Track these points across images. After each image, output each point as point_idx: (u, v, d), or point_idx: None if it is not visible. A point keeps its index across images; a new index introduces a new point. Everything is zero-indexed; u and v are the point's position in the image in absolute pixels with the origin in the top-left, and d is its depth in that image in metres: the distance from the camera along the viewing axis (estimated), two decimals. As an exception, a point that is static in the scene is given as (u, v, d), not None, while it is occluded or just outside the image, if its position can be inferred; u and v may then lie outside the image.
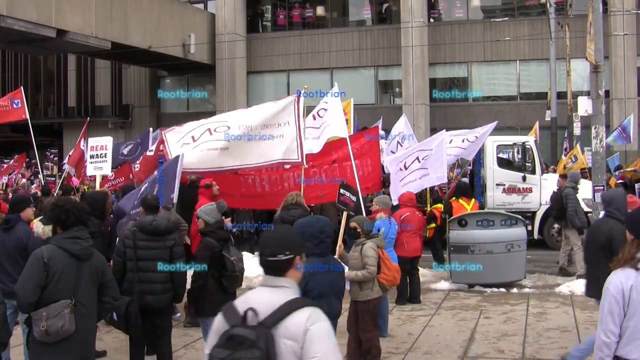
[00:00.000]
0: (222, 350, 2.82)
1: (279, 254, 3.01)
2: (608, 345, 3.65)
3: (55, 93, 32.79)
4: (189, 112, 31.53)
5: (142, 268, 6.20)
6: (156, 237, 6.23)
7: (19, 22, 20.11)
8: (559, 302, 9.94)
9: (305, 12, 30.06)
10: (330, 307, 4.53)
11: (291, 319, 2.86)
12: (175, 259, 6.19)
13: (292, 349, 2.83)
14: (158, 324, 6.38)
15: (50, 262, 4.65)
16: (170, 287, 6.24)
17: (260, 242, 3.11)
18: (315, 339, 2.85)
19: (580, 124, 21.25)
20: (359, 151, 11.20)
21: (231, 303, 3.03)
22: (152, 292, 6.18)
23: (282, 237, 3.10)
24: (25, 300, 4.63)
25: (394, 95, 29.30)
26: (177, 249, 6.26)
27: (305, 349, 2.83)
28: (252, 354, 2.76)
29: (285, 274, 3.03)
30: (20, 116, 14.75)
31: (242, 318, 2.87)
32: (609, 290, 3.68)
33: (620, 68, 24.94)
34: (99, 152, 11.54)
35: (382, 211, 8.53)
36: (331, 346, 2.91)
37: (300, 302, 2.95)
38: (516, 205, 14.61)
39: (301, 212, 7.78)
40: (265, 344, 2.79)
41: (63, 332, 4.63)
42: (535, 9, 27.68)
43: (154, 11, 26.31)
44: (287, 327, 2.84)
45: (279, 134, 9.33)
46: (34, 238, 6.52)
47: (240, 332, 2.82)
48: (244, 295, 3.08)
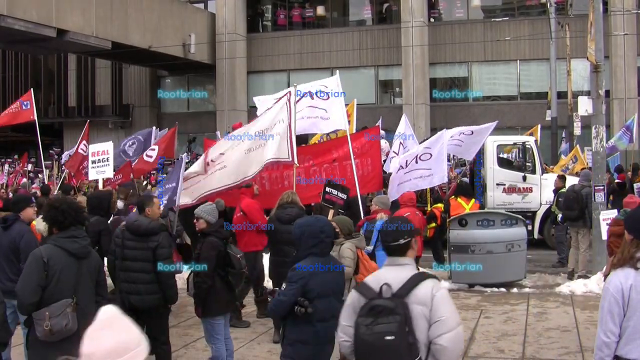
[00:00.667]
0: (365, 318, 3.47)
1: (400, 239, 3.71)
2: (608, 345, 3.65)
3: (56, 93, 32.81)
4: (189, 112, 31.59)
5: (127, 268, 6.20)
6: (140, 237, 6.19)
7: (19, 22, 20.12)
8: (559, 302, 9.94)
9: (306, 11, 30.05)
10: (330, 307, 4.52)
11: (419, 288, 3.51)
12: (158, 261, 6.11)
13: (422, 312, 3.47)
14: (150, 324, 6.37)
15: (50, 262, 4.65)
16: (157, 288, 6.16)
17: (382, 232, 3.84)
18: (440, 303, 3.50)
19: (580, 123, 21.23)
20: (359, 150, 11.20)
21: (364, 282, 3.78)
22: (136, 292, 6.16)
23: (399, 226, 3.79)
24: (27, 300, 4.63)
25: (394, 95, 29.30)
26: (160, 251, 6.13)
27: (433, 311, 3.47)
28: (393, 318, 3.41)
29: (405, 254, 3.73)
30: (28, 117, 14.82)
31: (378, 292, 3.51)
32: (609, 290, 3.68)
33: (621, 68, 24.93)
34: (100, 157, 11.65)
35: (381, 211, 8.51)
36: (453, 308, 3.57)
37: (423, 275, 3.66)
38: (516, 205, 14.60)
39: (297, 211, 7.79)
40: (402, 310, 3.44)
41: (67, 331, 4.64)
42: (535, 9, 27.67)
43: (154, 11, 26.31)
44: (417, 295, 3.49)
45: (275, 132, 9.30)
46: (27, 238, 6.45)
47: (380, 302, 3.48)
48: (373, 275, 3.87)
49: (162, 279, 6.14)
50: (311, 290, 4.44)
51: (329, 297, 4.54)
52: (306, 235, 4.53)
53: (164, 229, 6.38)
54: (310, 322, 4.46)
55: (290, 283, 4.47)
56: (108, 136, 31.86)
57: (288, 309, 4.46)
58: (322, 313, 4.48)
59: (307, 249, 4.52)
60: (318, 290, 4.46)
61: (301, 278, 4.44)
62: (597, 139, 11.78)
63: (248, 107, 29.98)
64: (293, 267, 4.54)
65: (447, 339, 3.44)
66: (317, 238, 4.51)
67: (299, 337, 4.52)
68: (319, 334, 4.51)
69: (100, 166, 11.64)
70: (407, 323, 3.43)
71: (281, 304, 4.47)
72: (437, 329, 3.46)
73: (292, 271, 4.53)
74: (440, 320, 3.46)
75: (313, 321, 4.46)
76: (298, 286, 4.43)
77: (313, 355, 4.56)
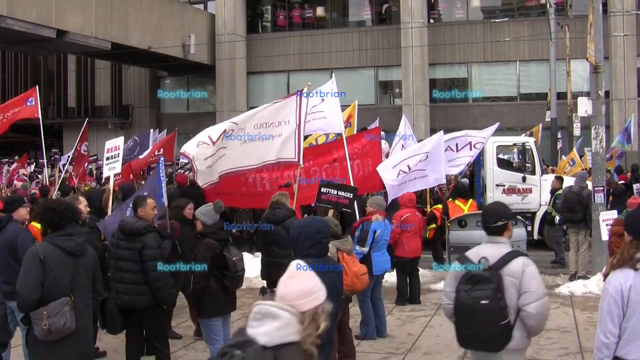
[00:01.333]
0: (465, 285, 4.25)
1: (498, 220, 4.39)
2: (607, 345, 3.64)
3: (55, 93, 32.81)
4: (188, 112, 31.59)
5: (119, 268, 6.21)
6: (128, 237, 6.20)
7: (19, 22, 20.12)
8: (559, 303, 9.94)
9: (305, 12, 30.07)
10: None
11: (512, 263, 4.23)
12: (144, 262, 6.10)
13: (513, 283, 4.19)
14: (145, 324, 6.37)
15: (46, 259, 4.63)
16: (146, 289, 6.14)
17: (484, 213, 4.65)
18: (529, 277, 4.22)
19: (580, 124, 21.25)
20: (360, 151, 11.19)
21: (464, 254, 4.46)
22: (126, 292, 6.16)
23: (499, 209, 4.54)
24: (29, 297, 4.60)
25: (393, 95, 29.31)
26: (146, 252, 6.10)
27: (523, 283, 4.19)
28: (489, 286, 4.16)
29: (502, 234, 4.41)
30: (32, 114, 14.78)
31: (477, 263, 4.26)
32: (608, 291, 3.68)
33: (620, 68, 24.94)
34: (113, 154, 11.70)
35: (377, 212, 8.46)
36: (540, 281, 4.28)
37: (516, 252, 4.38)
38: (516, 206, 14.56)
39: (284, 212, 7.81)
40: (496, 279, 4.17)
41: (65, 330, 4.63)
42: (535, 10, 27.69)
43: (154, 11, 26.32)
44: (510, 269, 4.21)
45: (278, 132, 9.30)
46: (23, 237, 6.44)
47: (478, 273, 4.24)
48: (474, 249, 4.47)
49: (150, 280, 6.11)
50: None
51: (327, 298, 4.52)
52: (303, 237, 4.51)
53: (151, 230, 6.30)
54: (308, 323, 4.44)
55: (288, 284, 4.45)
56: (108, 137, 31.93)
57: (287, 310, 4.44)
58: (320, 314, 4.46)
59: (303, 250, 4.50)
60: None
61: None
62: (597, 140, 11.77)
63: (248, 108, 29.99)
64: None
65: (534, 306, 4.15)
66: (313, 239, 4.50)
67: (298, 338, 4.51)
68: (318, 335, 4.50)
69: (112, 162, 11.70)
70: (500, 290, 4.15)
71: (279, 304, 4.46)
72: (526, 298, 4.16)
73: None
74: (529, 291, 4.16)
75: (311, 322, 4.45)
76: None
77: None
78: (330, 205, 8.66)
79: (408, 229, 9.85)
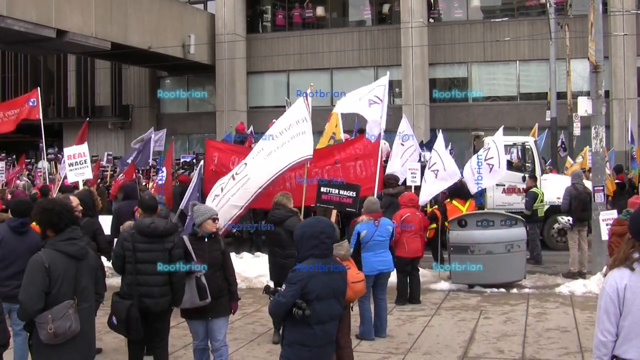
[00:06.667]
0: None
1: None
2: (605, 344, 3.66)
3: (55, 93, 32.80)
4: (188, 112, 31.61)
5: (141, 271, 6.14)
6: (155, 239, 6.17)
7: (18, 22, 20.12)
8: (558, 303, 9.95)
9: (305, 12, 30.04)
10: (330, 309, 4.51)
11: None
12: (173, 262, 6.12)
13: None
14: (156, 326, 6.36)
15: (51, 267, 4.58)
16: (168, 290, 6.17)
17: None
18: None
19: (580, 124, 21.25)
20: (362, 152, 11.18)
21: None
22: (151, 296, 6.13)
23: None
24: (33, 308, 4.56)
25: (393, 95, 29.25)
26: (175, 252, 6.17)
27: None
28: None
29: None
30: (34, 115, 14.87)
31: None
32: (605, 289, 3.69)
33: (620, 68, 24.94)
34: (78, 160, 12.15)
35: (364, 214, 8.41)
36: None
37: None
38: (516, 206, 14.59)
39: (283, 213, 7.84)
40: None
41: (71, 333, 4.61)
42: (535, 9, 27.68)
43: (153, 11, 26.31)
44: None
45: (301, 131, 9.35)
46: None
47: None
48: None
49: (176, 279, 6.15)
50: (310, 292, 4.42)
51: (329, 299, 4.52)
52: (306, 237, 4.51)
53: (176, 230, 6.39)
54: (308, 324, 4.44)
55: (290, 284, 4.45)
56: (108, 137, 31.99)
57: (287, 310, 4.45)
58: (320, 316, 4.46)
59: (307, 250, 4.51)
60: (317, 292, 4.44)
61: (300, 280, 4.42)
62: (597, 140, 11.78)
63: (247, 108, 30.01)
64: (293, 269, 4.53)
65: None
66: (317, 239, 4.50)
67: (298, 339, 4.51)
68: (318, 336, 4.50)
69: (79, 168, 12.14)
70: None
71: (280, 305, 4.46)
72: None
73: (292, 272, 4.52)
74: None
75: (311, 324, 4.44)
76: (297, 287, 4.41)
77: (312, 357, 4.54)
78: (332, 205, 8.61)
79: (408, 229, 9.85)
